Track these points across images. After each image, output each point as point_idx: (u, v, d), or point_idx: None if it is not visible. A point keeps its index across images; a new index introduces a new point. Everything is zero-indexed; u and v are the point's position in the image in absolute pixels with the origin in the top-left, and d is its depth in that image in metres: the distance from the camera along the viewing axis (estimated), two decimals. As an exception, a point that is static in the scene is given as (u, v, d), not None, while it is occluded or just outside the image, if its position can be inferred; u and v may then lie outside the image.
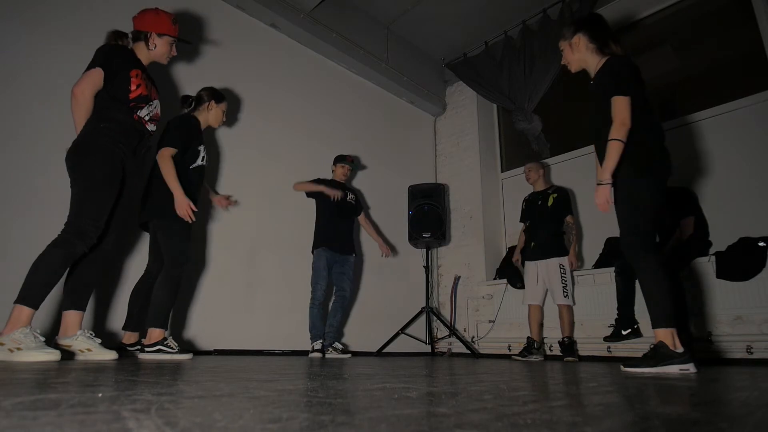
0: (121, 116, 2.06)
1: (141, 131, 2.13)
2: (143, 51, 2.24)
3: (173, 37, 2.28)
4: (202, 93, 2.79)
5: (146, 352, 2.36)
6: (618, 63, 2.10)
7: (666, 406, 0.86)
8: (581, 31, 2.23)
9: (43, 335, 1.81)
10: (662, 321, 1.93)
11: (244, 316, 3.43)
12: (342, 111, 4.50)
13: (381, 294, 4.42)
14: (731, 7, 3.81)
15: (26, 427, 0.48)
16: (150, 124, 2.18)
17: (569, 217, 3.65)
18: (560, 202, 3.69)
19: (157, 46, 2.24)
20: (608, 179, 1.98)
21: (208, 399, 0.79)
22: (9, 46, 2.62)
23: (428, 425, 0.60)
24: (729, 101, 3.57)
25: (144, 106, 2.13)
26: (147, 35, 2.22)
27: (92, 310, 2.69)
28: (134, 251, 2.93)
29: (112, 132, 2.01)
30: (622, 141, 1.95)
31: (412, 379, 1.38)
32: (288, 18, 3.95)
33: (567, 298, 3.52)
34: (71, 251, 1.87)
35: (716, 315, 3.10)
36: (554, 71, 4.43)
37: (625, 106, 1.97)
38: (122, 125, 2.05)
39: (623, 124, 1.95)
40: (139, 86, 2.10)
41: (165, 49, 2.27)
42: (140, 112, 2.12)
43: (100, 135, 1.99)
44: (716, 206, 3.40)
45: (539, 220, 3.74)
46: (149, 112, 2.17)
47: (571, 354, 3.50)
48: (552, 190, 3.81)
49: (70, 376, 1.16)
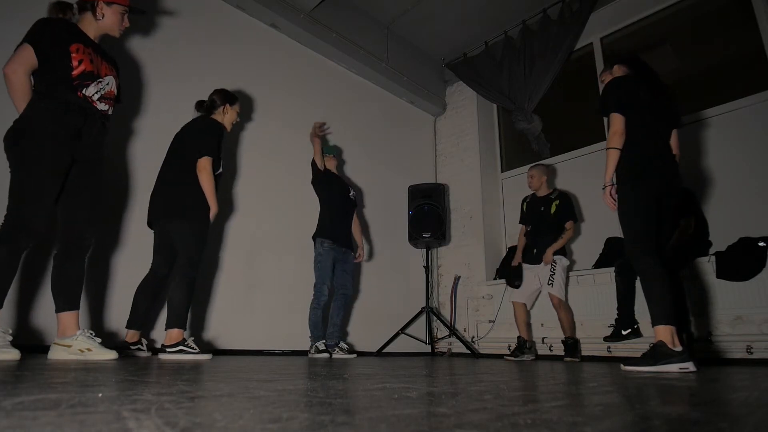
0: (61, 95, 1.88)
1: (86, 110, 1.94)
2: (91, 23, 2.04)
3: (123, 6, 2.08)
4: (215, 97, 2.79)
5: (167, 352, 2.37)
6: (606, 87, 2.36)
7: (666, 406, 0.86)
8: (624, 64, 2.47)
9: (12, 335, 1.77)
10: (662, 319, 1.98)
11: (244, 316, 3.42)
12: (342, 111, 4.50)
13: (381, 294, 4.42)
14: (731, 7, 3.81)
15: (26, 427, 0.48)
16: (101, 104, 2.00)
17: (569, 223, 3.60)
18: (563, 209, 3.63)
19: (105, 16, 2.05)
20: (607, 182, 2.25)
21: (208, 399, 0.79)
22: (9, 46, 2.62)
23: (428, 425, 0.60)
24: (729, 101, 3.57)
25: (90, 83, 1.95)
26: (94, 4, 2.03)
27: (91, 310, 2.69)
28: (130, 251, 2.90)
29: (49, 112, 1.84)
30: (617, 149, 2.20)
31: (412, 379, 1.38)
32: (288, 18, 3.95)
33: (551, 287, 3.50)
34: (15, 247, 1.75)
35: (716, 315, 3.10)
36: (554, 71, 4.44)
37: (618, 120, 2.22)
38: (62, 104, 1.88)
39: (615, 133, 2.22)
40: (81, 62, 1.92)
41: (115, 19, 2.07)
42: (86, 90, 1.94)
43: (36, 117, 1.83)
44: (716, 206, 3.40)
45: (541, 227, 3.68)
46: (99, 89, 1.99)
47: (574, 354, 3.49)
48: (555, 195, 3.70)
49: (70, 376, 1.16)
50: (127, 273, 2.83)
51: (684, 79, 4.04)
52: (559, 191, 3.78)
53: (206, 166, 2.51)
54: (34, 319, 2.45)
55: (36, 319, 2.46)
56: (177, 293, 2.43)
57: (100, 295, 2.76)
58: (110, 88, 2.05)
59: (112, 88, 2.07)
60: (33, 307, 2.46)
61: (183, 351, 2.38)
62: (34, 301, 2.46)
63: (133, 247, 2.91)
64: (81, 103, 1.94)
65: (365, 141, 4.65)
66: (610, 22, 4.37)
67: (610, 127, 2.24)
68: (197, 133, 2.62)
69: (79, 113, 1.93)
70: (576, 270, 3.96)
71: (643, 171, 2.17)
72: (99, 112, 2.01)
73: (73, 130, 1.91)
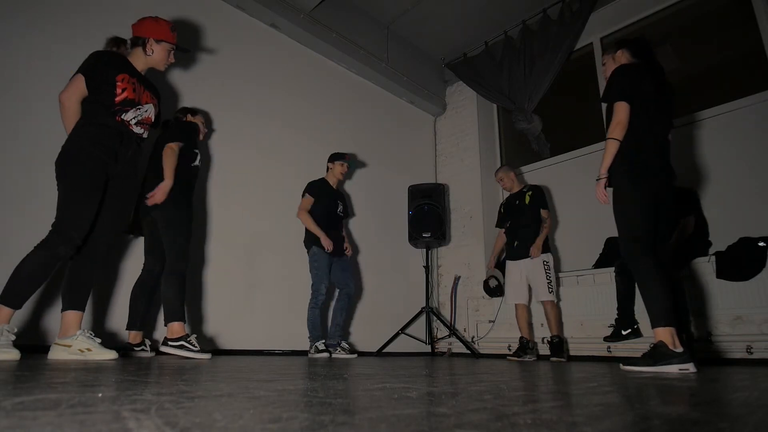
0: (101, 119, 2.07)
1: (123, 133, 2.12)
2: (140, 57, 2.26)
3: (171, 44, 2.31)
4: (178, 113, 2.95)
5: (169, 345, 2.40)
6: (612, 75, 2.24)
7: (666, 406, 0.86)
8: (625, 47, 2.37)
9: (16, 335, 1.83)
10: (661, 320, 1.95)
11: (244, 316, 3.43)
12: (342, 111, 4.50)
13: (381, 294, 4.42)
14: (731, 7, 3.81)
15: (26, 427, 0.48)
16: (137, 127, 2.17)
17: (544, 212, 3.72)
18: (536, 198, 3.77)
19: (154, 52, 2.26)
20: (603, 174, 2.16)
21: (208, 399, 0.79)
22: (9, 46, 2.63)
23: (428, 425, 0.60)
24: (729, 101, 3.57)
25: (129, 109, 2.13)
26: (145, 41, 2.24)
27: (91, 311, 2.69)
28: (130, 253, 2.92)
29: (89, 135, 2.03)
30: (617, 140, 2.10)
31: (412, 379, 1.38)
32: (288, 18, 3.95)
33: (551, 294, 3.54)
34: (54, 253, 1.90)
35: (716, 315, 3.10)
36: (554, 71, 4.44)
37: (623, 109, 2.11)
38: (102, 128, 2.06)
39: (619, 123, 2.10)
40: (124, 90, 2.12)
41: (162, 56, 2.29)
42: (125, 116, 2.12)
43: (79, 139, 2.02)
44: (716, 206, 3.40)
45: (520, 219, 3.80)
46: (137, 115, 2.17)
47: (560, 354, 3.50)
48: (527, 188, 3.88)
49: (70, 376, 1.16)
50: (123, 274, 2.85)
51: (684, 79, 4.04)
52: (531, 185, 3.94)
53: (173, 147, 2.60)
54: (36, 320, 2.47)
55: (39, 320, 2.47)
56: (169, 288, 2.48)
57: (99, 296, 2.77)
58: (148, 115, 2.24)
59: (150, 115, 2.26)
60: (36, 308, 2.47)
61: (184, 346, 2.40)
62: (37, 303, 2.47)
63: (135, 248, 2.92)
64: (118, 126, 2.11)
65: (365, 141, 4.65)
66: (610, 22, 4.37)
67: (614, 116, 2.13)
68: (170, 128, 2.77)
69: (116, 136, 2.10)
70: (576, 270, 3.96)
71: (645, 168, 2.11)
72: (135, 134, 2.18)
73: (111, 152, 2.08)
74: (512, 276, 3.74)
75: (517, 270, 3.72)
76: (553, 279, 3.57)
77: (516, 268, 3.73)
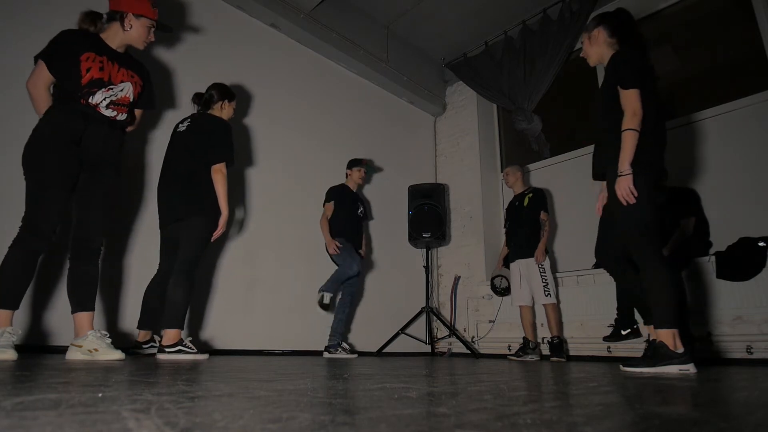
0: (65, 104, 1.96)
1: (88, 116, 1.98)
2: (117, 33, 2.10)
3: (151, 20, 2.14)
4: (213, 92, 2.76)
5: (166, 352, 2.35)
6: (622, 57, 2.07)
7: (666, 406, 0.86)
8: (602, 24, 2.18)
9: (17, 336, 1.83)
10: (666, 322, 1.91)
11: (243, 315, 3.42)
12: (342, 111, 4.50)
13: (381, 294, 4.42)
14: (731, 7, 3.81)
15: (26, 427, 0.48)
16: (107, 110, 2.03)
17: (543, 214, 3.73)
18: (535, 201, 3.78)
19: (132, 27, 2.10)
20: (628, 169, 1.93)
21: (208, 399, 0.79)
22: (9, 46, 2.62)
23: (428, 425, 0.60)
24: (729, 101, 3.57)
25: (97, 91, 1.99)
26: (123, 15, 2.08)
27: (102, 311, 2.70)
28: (138, 252, 2.92)
29: (52, 123, 1.93)
30: (636, 130, 1.92)
31: (412, 379, 1.38)
32: (288, 18, 3.95)
33: (549, 297, 3.56)
34: (27, 249, 1.86)
35: (716, 315, 3.10)
36: (554, 71, 4.44)
37: (637, 97, 1.95)
38: (65, 114, 1.95)
39: (636, 113, 1.93)
40: (89, 70, 1.97)
41: (141, 32, 2.13)
42: (92, 98, 1.98)
43: (39, 127, 1.94)
44: (716, 206, 3.40)
45: (517, 221, 3.83)
46: (109, 96, 2.02)
47: (560, 354, 3.52)
48: (528, 191, 3.90)
49: (70, 376, 1.16)
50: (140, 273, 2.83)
51: (684, 79, 4.04)
52: (533, 187, 3.95)
53: (223, 170, 2.54)
54: (46, 320, 2.47)
55: (48, 320, 2.47)
56: (178, 292, 2.40)
57: (115, 296, 2.78)
58: (124, 95, 2.09)
59: (127, 95, 2.10)
60: (45, 309, 2.47)
61: (182, 351, 2.38)
62: (47, 303, 2.47)
63: (144, 247, 2.91)
64: (83, 109, 1.98)
65: (365, 141, 4.65)
66: (609, 22, 4.37)
67: (629, 104, 1.94)
68: (210, 134, 2.58)
69: (81, 119, 1.98)
70: (576, 270, 3.95)
71: (653, 161, 1.99)
72: (104, 117, 2.04)
73: (73, 136, 1.96)
74: (514, 278, 3.76)
75: (516, 271, 3.75)
76: (550, 281, 3.58)
77: (516, 269, 3.76)
